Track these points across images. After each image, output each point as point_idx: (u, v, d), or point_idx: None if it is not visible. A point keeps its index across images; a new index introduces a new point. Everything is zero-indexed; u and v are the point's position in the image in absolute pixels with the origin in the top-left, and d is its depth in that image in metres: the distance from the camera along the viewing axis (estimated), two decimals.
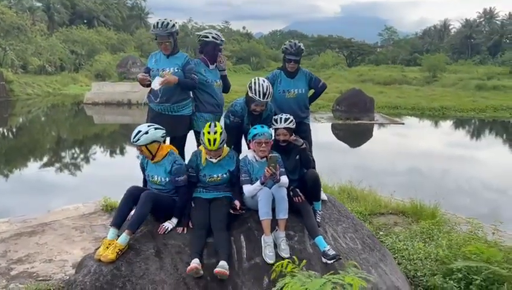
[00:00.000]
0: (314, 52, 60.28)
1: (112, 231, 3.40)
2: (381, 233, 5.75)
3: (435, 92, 29.75)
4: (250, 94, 3.87)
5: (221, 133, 3.61)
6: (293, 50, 4.38)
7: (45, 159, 12.50)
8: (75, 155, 13.21)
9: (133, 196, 3.53)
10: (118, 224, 3.45)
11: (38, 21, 42.82)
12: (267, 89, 3.83)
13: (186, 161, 3.91)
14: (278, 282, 1.86)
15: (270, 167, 3.44)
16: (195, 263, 3.17)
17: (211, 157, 3.71)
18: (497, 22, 69.72)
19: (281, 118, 3.89)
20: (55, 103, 26.40)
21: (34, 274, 4.70)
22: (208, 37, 4.18)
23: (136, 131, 3.61)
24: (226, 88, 4.43)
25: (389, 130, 17.83)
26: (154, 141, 3.63)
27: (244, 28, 72.41)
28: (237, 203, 3.63)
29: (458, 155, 13.35)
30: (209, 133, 3.60)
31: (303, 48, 4.50)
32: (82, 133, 17.36)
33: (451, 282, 4.05)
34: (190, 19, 67.02)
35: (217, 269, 3.16)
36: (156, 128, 3.66)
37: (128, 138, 16.39)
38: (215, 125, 3.64)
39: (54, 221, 6.28)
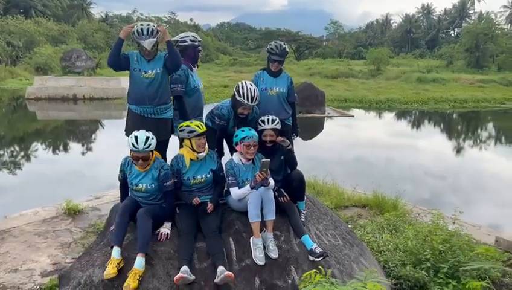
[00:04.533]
0: (263, 45, 60.69)
1: (116, 250, 3.28)
2: (349, 226, 5.97)
3: (381, 84, 31.05)
4: (238, 98, 3.88)
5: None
6: (278, 51, 4.44)
7: None
8: (19, 154, 12.42)
9: (129, 211, 3.44)
10: (120, 241, 3.33)
11: None
12: (254, 93, 3.88)
13: None
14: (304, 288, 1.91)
15: (262, 172, 3.49)
16: (182, 271, 3.15)
17: (199, 153, 3.69)
18: (434, 17, 73.69)
19: (268, 119, 3.93)
20: None
21: (0, 286, 4.46)
22: (186, 42, 4.17)
23: (142, 138, 3.46)
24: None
25: (340, 122, 18.40)
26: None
27: (191, 19, 71.43)
28: (210, 206, 3.64)
29: (407, 145, 14.06)
30: (191, 122, 3.72)
31: (288, 50, 4.61)
32: (24, 130, 16.36)
33: (421, 271, 4.32)
34: (135, 10, 65.07)
35: (220, 278, 3.15)
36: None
37: (75, 134, 15.56)
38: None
39: (13, 227, 5.96)
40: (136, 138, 3.46)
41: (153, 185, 3.58)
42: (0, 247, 5.36)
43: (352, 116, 19.83)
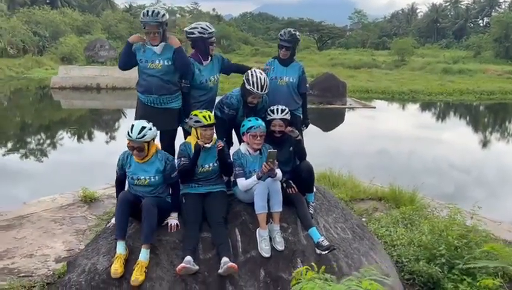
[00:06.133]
0: None
1: (121, 244, 3.27)
2: (363, 219, 5.87)
3: (404, 75, 30.37)
4: (247, 87, 3.82)
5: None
6: (286, 37, 4.35)
7: (11, 146, 11.94)
8: (44, 142, 12.71)
9: (128, 203, 3.39)
10: (123, 235, 3.32)
11: None
12: (264, 82, 3.81)
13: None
14: (294, 285, 1.86)
15: (269, 163, 3.43)
16: (186, 261, 3.14)
17: (205, 143, 3.64)
18: (462, 6, 71.47)
19: (277, 108, 3.87)
20: (19, 87, 25.29)
21: (15, 270, 4.56)
22: (194, 34, 3.99)
23: (137, 127, 3.41)
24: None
25: (361, 114, 18.10)
26: (153, 138, 3.53)
27: (214, 10, 71.31)
28: (220, 143, 3.69)
29: (429, 138, 13.71)
30: (200, 112, 3.66)
31: (298, 36, 4.49)
32: (50, 119, 16.73)
33: (435, 267, 4.20)
34: (158, 0, 65.21)
35: (224, 269, 3.14)
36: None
37: (97, 123, 15.85)
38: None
39: (31, 214, 6.09)
40: (132, 126, 3.43)
41: (156, 177, 3.52)
42: (17, 232, 5.48)
43: (374, 107, 19.47)
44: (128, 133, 3.42)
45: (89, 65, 26.18)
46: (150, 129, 3.46)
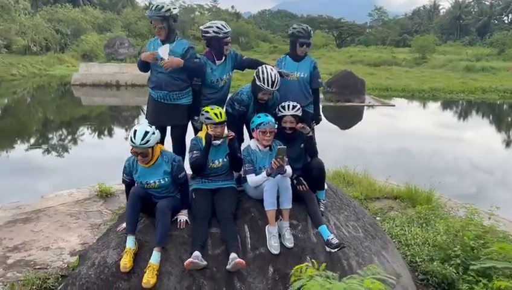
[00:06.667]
0: None
1: (131, 239, 3.28)
2: (377, 218, 5.79)
3: (425, 73, 29.84)
4: (258, 83, 3.80)
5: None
6: (306, 33, 4.29)
7: (33, 141, 12.23)
8: (64, 138, 12.96)
9: (140, 199, 3.38)
10: (133, 230, 3.32)
11: None
12: (275, 78, 3.78)
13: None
14: (294, 282, 1.84)
15: (278, 159, 3.40)
16: (194, 257, 3.14)
17: (215, 140, 3.63)
18: (486, 2, 69.74)
19: (288, 105, 3.84)
20: (41, 84, 25.82)
21: (31, 262, 4.65)
22: (209, 33, 3.97)
23: (140, 132, 3.33)
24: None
25: (380, 112, 17.87)
26: (157, 142, 3.48)
27: (232, 7, 71.26)
28: (231, 133, 3.68)
29: (449, 137, 13.44)
30: (211, 109, 3.63)
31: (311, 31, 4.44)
32: (71, 115, 17.04)
33: (450, 268, 4.11)
34: None
35: (232, 265, 3.14)
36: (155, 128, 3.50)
37: (116, 119, 16.06)
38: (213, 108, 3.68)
39: (49, 207, 6.20)
40: (135, 132, 3.36)
41: (165, 178, 3.49)
42: (35, 225, 5.59)
43: (393, 105, 19.18)
44: (131, 139, 3.35)
45: (108, 62, 26.51)
46: (153, 133, 3.39)
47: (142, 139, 3.31)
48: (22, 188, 7.47)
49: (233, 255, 3.16)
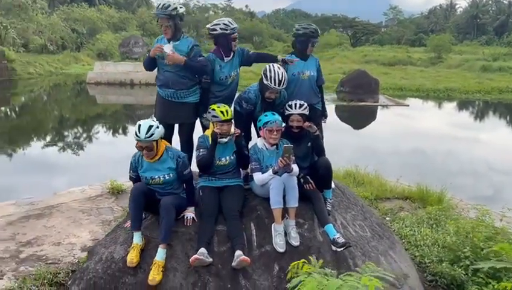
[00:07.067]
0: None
1: (137, 234, 3.32)
2: (387, 218, 5.75)
3: (440, 73, 29.45)
4: (265, 82, 3.81)
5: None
6: (317, 33, 4.36)
7: (49, 139, 12.44)
8: (79, 135, 13.16)
9: (143, 195, 3.41)
10: (138, 227, 3.36)
11: None
12: (282, 76, 3.79)
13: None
14: (292, 278, 1.84)
15: (285, 158, 3.40)
16: (199, 253, 3.16)
17: (221, 138, 3.65)
18: (505, 1, 68.43)
19: (295, 103, 3.84)
20: (57, 82, 26.24)
21: (43, 257, 4.74)
22: (216, 30, 3.98)
23: (144, 126, 3.37)
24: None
25: (394, 112, 17.71)
26: (161, 137, 3.52)
27: (246, 6, 71.33)
28: (237, 131, 3.67)
29: (464, 138, 13.26)
30: (218, 106, 3.64)
31: None
32: (85, 113, 17.29)
33: (459, 269, 4.07)
34: None
35: (237, 262, 3.16)
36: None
37: (130, 118, 16.21)
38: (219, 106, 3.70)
39: (61, 203, 6.29)
40: (139, 126, 3.40)
41: (170, 174, 3.52)
42: (47, 221, 5.69)
43: (407, 105, 18.99)
44: (135, 133, 3.38)
45: (123, 61, 26.78)
46: (157, 127, 3.43)
47: (146, 133, 3.35)
48: (36, 185, 7.62)
49: (238, 252, 3.18)
